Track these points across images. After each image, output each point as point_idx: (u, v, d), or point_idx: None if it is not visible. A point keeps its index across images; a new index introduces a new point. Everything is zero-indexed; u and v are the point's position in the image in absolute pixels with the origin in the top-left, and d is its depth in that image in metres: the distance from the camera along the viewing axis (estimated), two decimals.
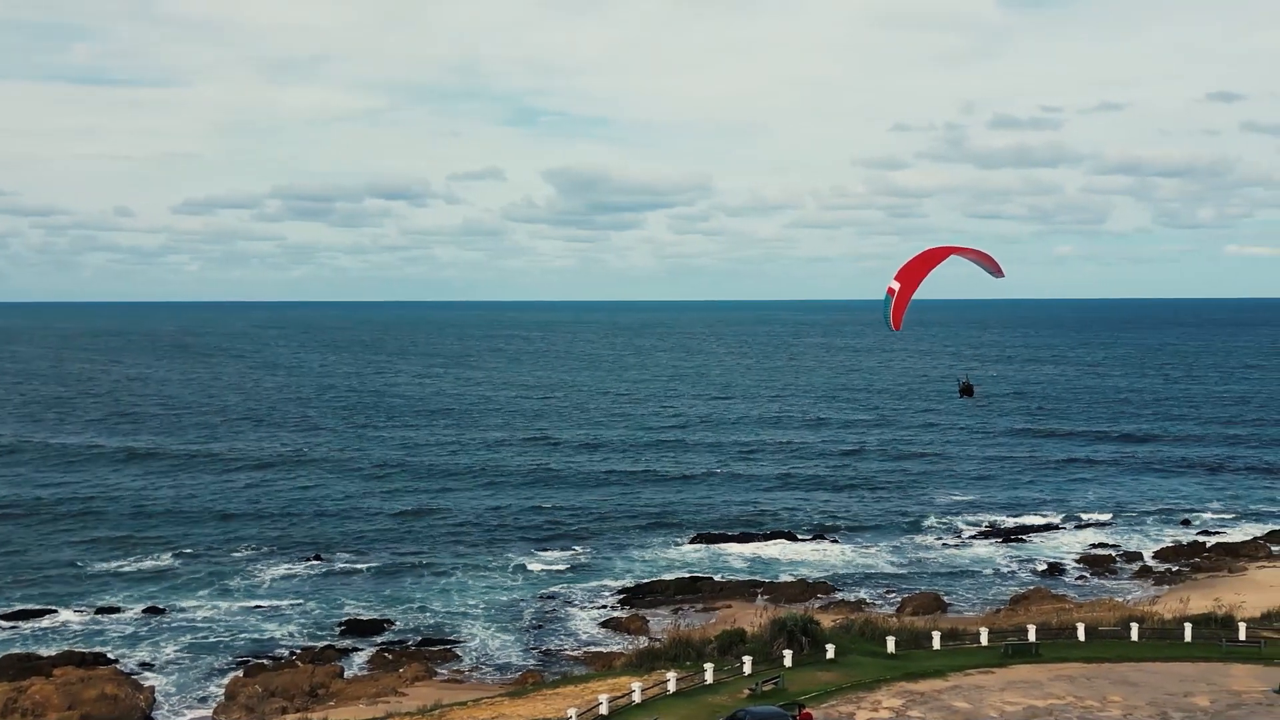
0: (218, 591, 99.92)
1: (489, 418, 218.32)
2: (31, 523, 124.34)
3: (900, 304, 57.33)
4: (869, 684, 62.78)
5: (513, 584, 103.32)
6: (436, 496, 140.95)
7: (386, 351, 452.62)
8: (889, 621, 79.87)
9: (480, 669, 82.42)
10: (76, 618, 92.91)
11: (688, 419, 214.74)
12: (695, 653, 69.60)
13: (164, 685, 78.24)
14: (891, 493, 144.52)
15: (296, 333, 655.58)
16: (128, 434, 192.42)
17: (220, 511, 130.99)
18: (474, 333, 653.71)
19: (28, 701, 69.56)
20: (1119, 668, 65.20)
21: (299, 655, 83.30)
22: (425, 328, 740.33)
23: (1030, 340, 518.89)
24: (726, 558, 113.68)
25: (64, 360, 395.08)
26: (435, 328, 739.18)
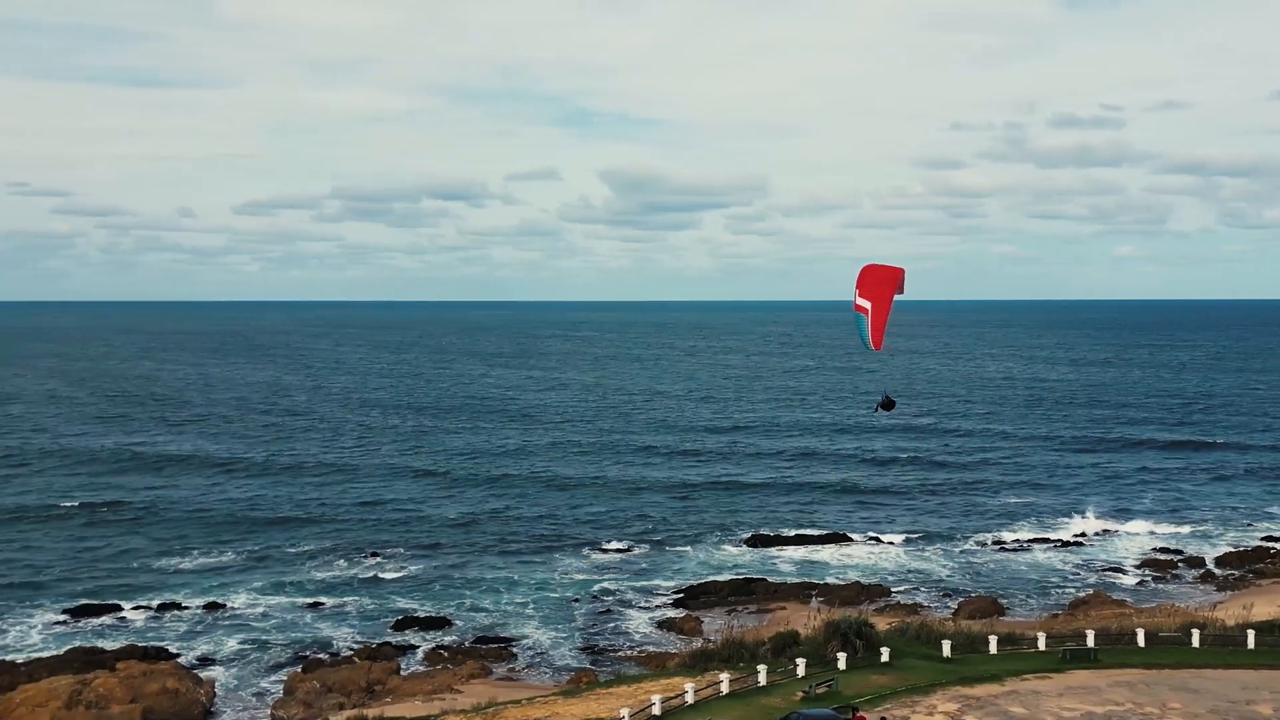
0: (277, 588, 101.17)
1: (546, 418, 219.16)
2: (96, 521, 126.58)
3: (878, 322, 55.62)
4: (924, 688, 62.34)
5: (567, 583, 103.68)
6: (493, 496, 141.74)
7: (446, 352, 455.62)
8: (945, 625, 79.25)
9: (534, 667, 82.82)
10: (139, 613, 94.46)
11: (742, 420, 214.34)
12: (749, 654, 69.51)
13: (224, 680, 79.39)
14: (947, 496, 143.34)
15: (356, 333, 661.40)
16: (190, 434, 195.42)
17: (280, 510, 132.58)
18: (530, 333, 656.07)
19: (92, 694, 70.82)
20: (1179, 674, 64.28)
21: (356, 652, 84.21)
22: (482, 328, 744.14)
23: (1089, 342, 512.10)
24: (780, 560, 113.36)
25: (129, 360, 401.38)
26: (492, 328, 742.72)
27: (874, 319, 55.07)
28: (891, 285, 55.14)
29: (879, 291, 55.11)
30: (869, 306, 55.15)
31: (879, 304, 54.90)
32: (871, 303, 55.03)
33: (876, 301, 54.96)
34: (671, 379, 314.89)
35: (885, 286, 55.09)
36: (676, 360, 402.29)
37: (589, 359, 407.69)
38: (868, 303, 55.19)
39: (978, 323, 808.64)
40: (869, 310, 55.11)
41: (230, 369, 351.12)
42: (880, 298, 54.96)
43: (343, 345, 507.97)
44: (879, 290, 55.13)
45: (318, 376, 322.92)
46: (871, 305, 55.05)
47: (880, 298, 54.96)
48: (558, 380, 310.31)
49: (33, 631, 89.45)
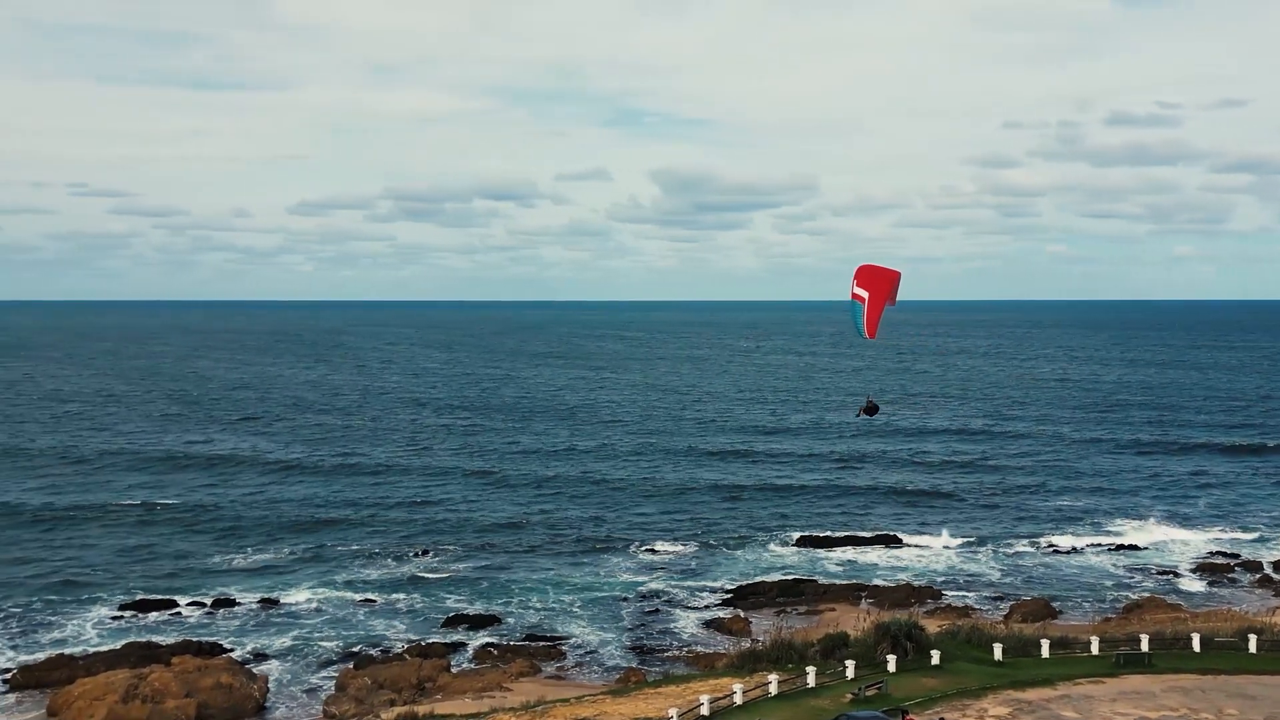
0: (329, 585, 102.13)
1: (595, 418, 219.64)
2: (152, 519, 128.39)
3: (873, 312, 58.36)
4: (975, 691, 61.92)
5: (615, 583, 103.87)
6: (542, 496, 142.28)
7: (496, 352, 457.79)
8: (996, 628, 78.65)
9: (583, 666, 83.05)
10: (194, 609, 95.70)
11: (792, 421, 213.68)
12: (798, 655, 69.36)
13: (277, 675, 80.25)
14: (1000, 499, 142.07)
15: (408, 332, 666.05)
16: (244, 434, 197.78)
17: (332, 509, 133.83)
18: (580, 332, 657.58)
19: (148, 689, 71.85)
20: (1236, 680, 63.38)
21: (407, 649, 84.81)
22: (531, 327, 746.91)
23: (1145, 343, 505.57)
24: (829, 561, 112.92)
25: (185, 359, 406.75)
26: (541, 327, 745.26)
27: (870, 308, 58.02)
28: (888, 283, 58.09)
29: (876, 285, 58.19)
30: (866, 296, 58.03)
31: (875, 295, 57.88)
32: (869, 293, 57.98)
33: (873, 293, 57.95)
34: (721, 379, 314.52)
35: (883, 282, 58.14)
36: (726, 360, 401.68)
37: (638, 359, 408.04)
38: (865, 292, 58.09)
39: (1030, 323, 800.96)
40: (865, 299, 58.07)
41: (284, 368, 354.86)
42: (877, 290, 57.97)
43: (394, 344, 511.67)
44: (876, 284, 58.23)
45: (370, 376, 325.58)
46: (869, 295, 57.97)
47: (877, 290, 57.97)
48: (607, 380, 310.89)
49: (90, 626, 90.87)
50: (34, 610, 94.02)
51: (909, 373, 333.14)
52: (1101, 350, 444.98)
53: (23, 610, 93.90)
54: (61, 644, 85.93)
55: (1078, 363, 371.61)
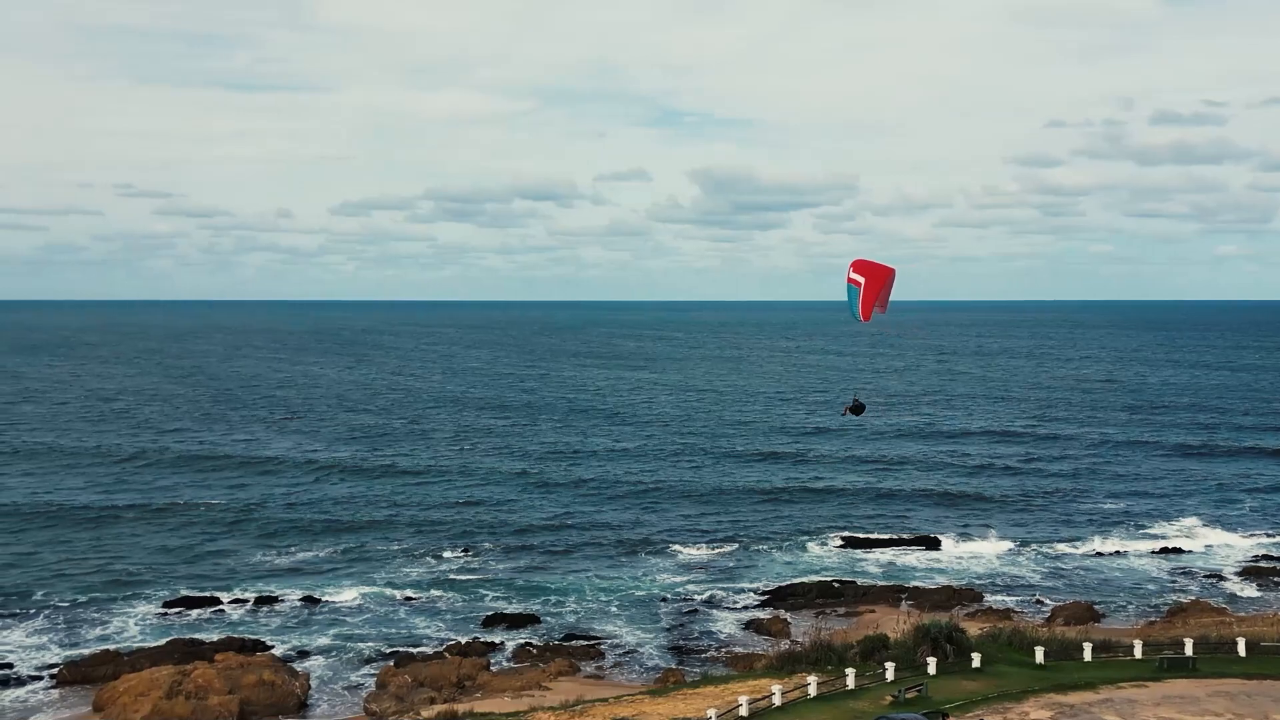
0: (370, 584, 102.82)
1: (635, 419, 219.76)
2: (196, 518, 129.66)
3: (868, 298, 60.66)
4: (1016, 694, 61.51)
5: (654, 584, 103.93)
6: (581, 497, 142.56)
7: (536, 352, 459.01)
8: (1038, 631, 78.09)
9: (622, 666, 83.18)
10: (237, 606, 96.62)
11: (832, 423, 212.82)
12: (837, 657, 69.16)
13: (318, 672, 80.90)
14: (1042, 501, 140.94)
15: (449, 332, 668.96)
16: (287, 433, 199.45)
17: (373, 508, 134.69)
18: (619, 333, 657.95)
19: (191, 685, 72.64)
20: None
21: (447, 647, 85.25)
22: (570, 327, 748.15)
23: (1190, 343, 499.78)
24: (868, 562, 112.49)
25: (229, 359, 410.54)
26: (580, 328, 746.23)
27: (865, 293, 60.44)
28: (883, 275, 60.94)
29: (873, 273, 60.92)
30: (862, 281, 60.64)
31: (871, 282, 60.42)
32: (865, 279, 60.58)
33: (870, 280, 60.54)
34: (760, 379, 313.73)
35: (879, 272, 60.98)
36: (765, 360, 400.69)
37: (677, 359, 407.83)
38: (861, 278, 60.74)
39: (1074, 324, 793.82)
40: (862, 284, 60.63)
41: (326, 367, 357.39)
42: (874, 277, 60.60)
43: (435, 344, 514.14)
44: (873, 272, 60.97)
45: (411, 376, 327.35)
46: (865, 281, 60.55)
47: (874, 277, 60.60)
48: (646, 380, 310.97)
49: (135, 623, 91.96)
50: (80, 606, 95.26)
51: (950, 373, 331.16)
52: (1146, 351, 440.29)
53: (69, 606, 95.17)
54: (107, 640, 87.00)
55: (1122, 364, 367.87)
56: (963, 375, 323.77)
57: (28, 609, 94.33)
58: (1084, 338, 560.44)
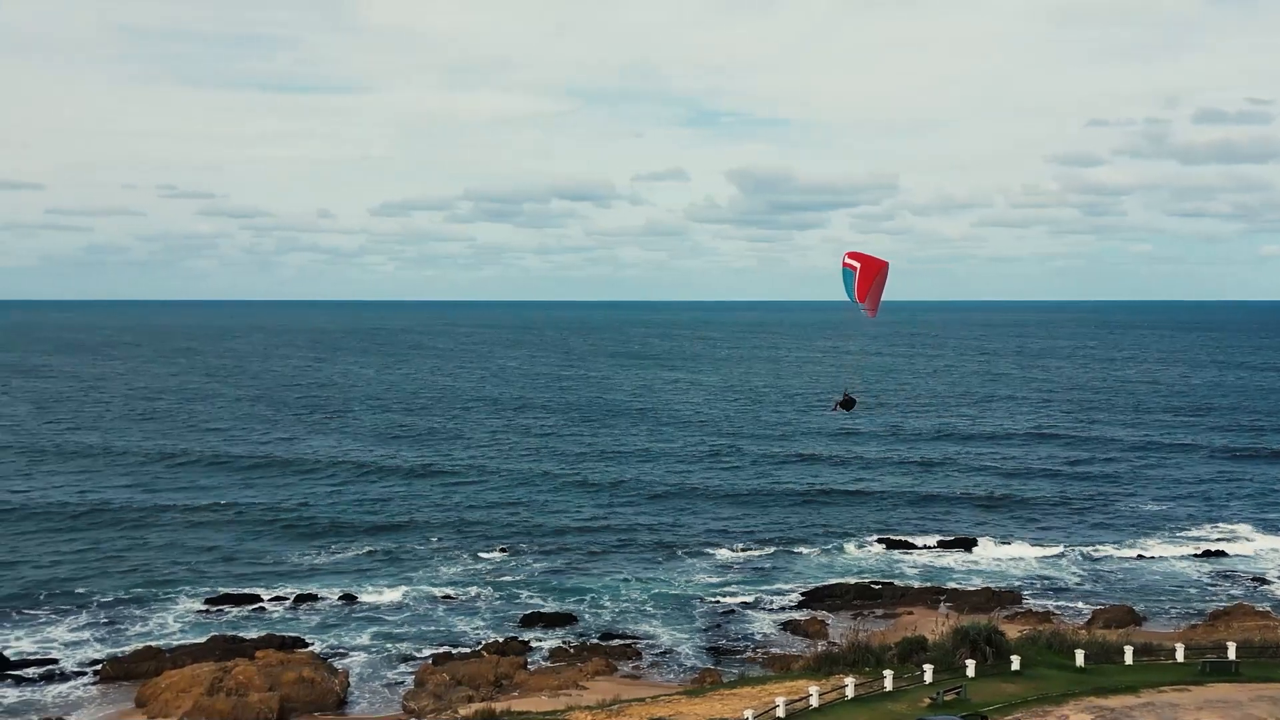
0: (408, 583, 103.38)
1: (672, 420, 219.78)
2: (236, 518, 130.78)
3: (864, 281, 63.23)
4: (1056, 697, 61.11)
5: (691, 584, 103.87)
6: (619, 498, 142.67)
7: (574, 352, 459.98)
8: (1078, 634, 77.53)
9: (659, 666, 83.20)
10: (277, 604, 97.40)
11: (870, 424, 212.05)
12: (875, 658, 68.92)
13: (357, 670, 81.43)
14: (1081, 502, 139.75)
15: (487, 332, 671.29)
16: (327, 433, 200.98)
17: (411, 508, 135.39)
18: (657, 333, 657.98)
19: (232, 682, 73.33)
20: None
21: (485, 646, 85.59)
22: (608, 328, 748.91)
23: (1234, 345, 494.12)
24: (906, 564, 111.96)
25: (271, 358, 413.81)
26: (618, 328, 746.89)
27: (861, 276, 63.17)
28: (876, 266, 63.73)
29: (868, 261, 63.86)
30: (858, 266, 63.58)
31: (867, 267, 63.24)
32: (860, 264, 63.48)
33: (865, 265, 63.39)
34: (798, 379, 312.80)
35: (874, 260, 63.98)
36: (804, 361, 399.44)
37: (715, 360, 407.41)
38: (857, 263, 63.72)
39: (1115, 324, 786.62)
40: (858, 268, 63.51)
41: (365, 368, 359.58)
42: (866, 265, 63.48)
43: (474, 344, 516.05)
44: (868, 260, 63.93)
45: (449, 375, 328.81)
46: (860, 266, 63.41)
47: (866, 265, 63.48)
48: (685, 381, 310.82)
49: (176, 620, 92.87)
50: (122, 604, 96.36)
51: (990, 374, 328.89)
52: (1189, 352, 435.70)
53: (111, 603, 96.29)
54: (148, 637, 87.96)
55: (1165, 365, 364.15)
56: (1004, 376, 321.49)
57: (71, 606, 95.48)
58: (1125, 338, 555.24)
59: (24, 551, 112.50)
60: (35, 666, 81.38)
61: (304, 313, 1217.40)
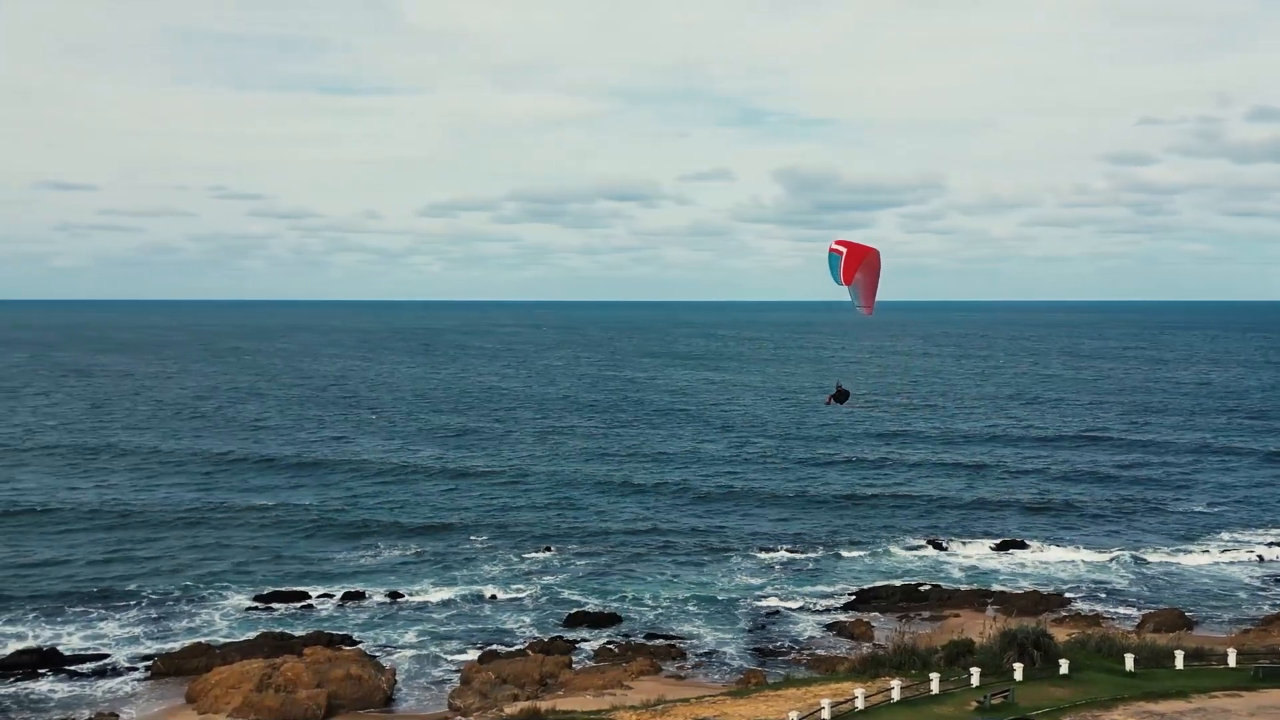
0: (454, 581, 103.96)
1: (717, 421, 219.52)
2: (284, 518, 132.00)
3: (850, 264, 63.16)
4: (1105, 702, 60.48)
5: (736, 585, 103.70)
6: (663, 499, 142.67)
7: (620, 353, 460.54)
8: (1128, 638, 76.67)
9: (703, 667, 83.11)
10: (325, 601, 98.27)
11: (917, 426, 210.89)
12: (921, 661, 68.49)
13: (404, 667, 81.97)
14: (1131, 506, 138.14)
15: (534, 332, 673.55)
16: (374, 434, 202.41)
17: (457, 508, 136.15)
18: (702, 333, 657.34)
19: (281, 678, 74.05)
20: None
21: (530, 645, 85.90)
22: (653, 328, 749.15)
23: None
24: (952, 566, 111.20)
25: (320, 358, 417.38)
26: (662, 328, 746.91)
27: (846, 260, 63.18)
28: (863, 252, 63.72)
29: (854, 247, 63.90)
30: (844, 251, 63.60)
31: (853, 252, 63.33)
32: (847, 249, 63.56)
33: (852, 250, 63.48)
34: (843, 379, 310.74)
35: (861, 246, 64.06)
36: (850, 362, 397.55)
37: (760, 360, 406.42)
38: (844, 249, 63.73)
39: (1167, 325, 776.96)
40: (844, 253, 63.49)
41: (412, 367, 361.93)
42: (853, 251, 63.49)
43: (520, 344, 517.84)
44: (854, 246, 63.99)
45: (495, 376, 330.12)
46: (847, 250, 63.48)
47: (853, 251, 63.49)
48: (730, 382, 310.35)
49: (224, 617, 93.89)
50: (172, 600, 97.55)
51: (1039, 376, 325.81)
52: (1243, 353, 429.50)
53: (162, 600, 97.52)
54: (198, 633, 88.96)
55: (1218, 366, 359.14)
56: (1054, 378, 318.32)
57: (122, 603, 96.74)
58: (1177, 339, 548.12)
59: (76, 549, 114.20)
60: (88, 662, 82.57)
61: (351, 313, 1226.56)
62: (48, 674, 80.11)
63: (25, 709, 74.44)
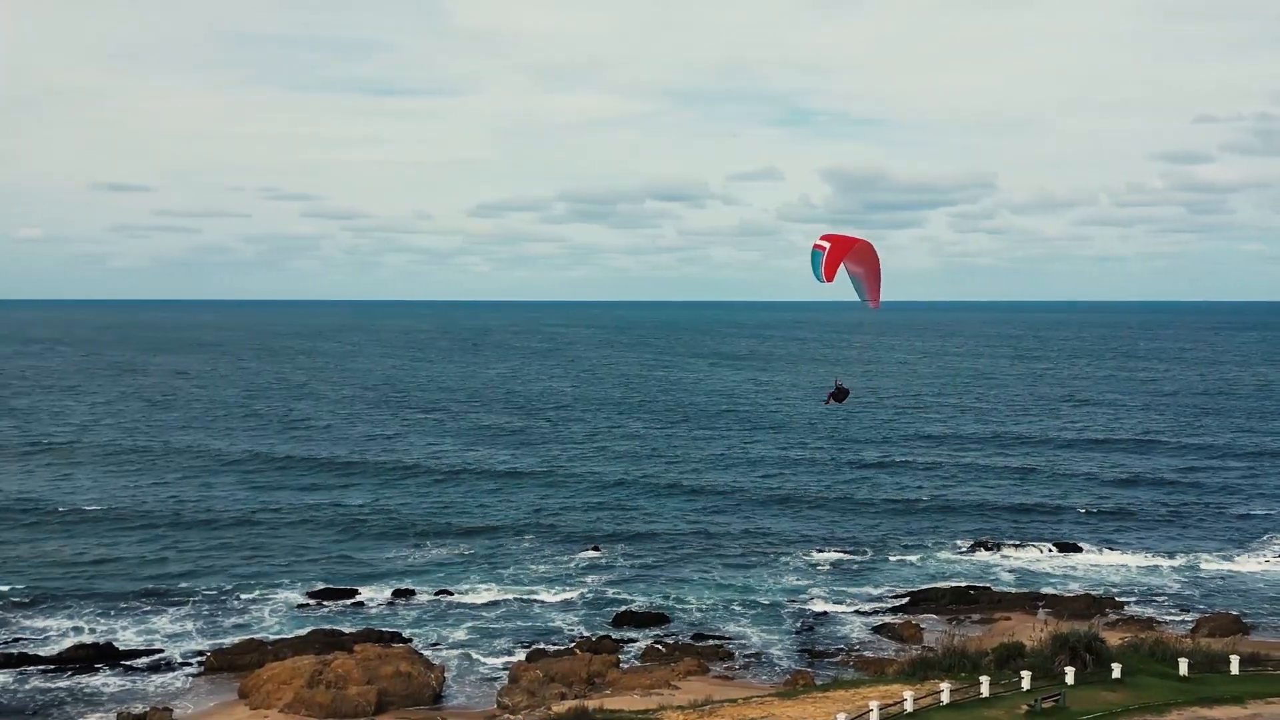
0: (503, 580, 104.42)
1: (764, 423, 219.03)
2: (335, 516, 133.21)
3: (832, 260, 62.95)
4: (1158, 707, 59.70)
5: (783, 586, 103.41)
6: (711, 502, 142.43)
7: (667, 352, 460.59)
8: (1182, 642, 75.60)
9: (750, 667, 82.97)
10: (375, 599, 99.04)
11: (968, 429, 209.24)
12: (971, 664, 67.92)
13: (453, 665, 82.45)
14: (1186, 510, 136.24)
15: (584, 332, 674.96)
16: (425, 433, 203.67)
17: (506, 508, 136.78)
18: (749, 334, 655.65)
19: (331, 674, 74.72)
20: None
21: (578, 644, 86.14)
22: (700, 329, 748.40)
23: None
24: (1002, 569, 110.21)
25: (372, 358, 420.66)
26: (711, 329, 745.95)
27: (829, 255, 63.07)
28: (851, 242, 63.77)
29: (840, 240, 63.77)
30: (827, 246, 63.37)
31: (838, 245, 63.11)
32: (831, 244, 63.27)
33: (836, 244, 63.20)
34: (894, 381, 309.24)
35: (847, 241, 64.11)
36: (899, 363, 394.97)
37: (810, 360, 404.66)
38: (827, 244, 63.51)
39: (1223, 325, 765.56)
40: (827, 248, 63.27)
41: (462, 367, 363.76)
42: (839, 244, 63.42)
43: (568, 345, 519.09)
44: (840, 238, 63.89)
45: (545, 377, 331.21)
46: (830, 245, 63.23)
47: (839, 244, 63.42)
48: (779, 382, 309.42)
49: (275, 613, 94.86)
50: (224, 597, 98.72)
51: (1091, 378, 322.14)
52: None
53: (213, 596, 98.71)
54: (249, 629, 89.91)
55: (1277, 368, 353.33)
56: (1108, 379, 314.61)
57: (175, 599, 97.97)
58: (1234, 340, 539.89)
59: (130, 547, 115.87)
60: (142, 656, 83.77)
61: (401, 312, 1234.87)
62: (103, 668, 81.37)
63: (80, 702, 75.65)
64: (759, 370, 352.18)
